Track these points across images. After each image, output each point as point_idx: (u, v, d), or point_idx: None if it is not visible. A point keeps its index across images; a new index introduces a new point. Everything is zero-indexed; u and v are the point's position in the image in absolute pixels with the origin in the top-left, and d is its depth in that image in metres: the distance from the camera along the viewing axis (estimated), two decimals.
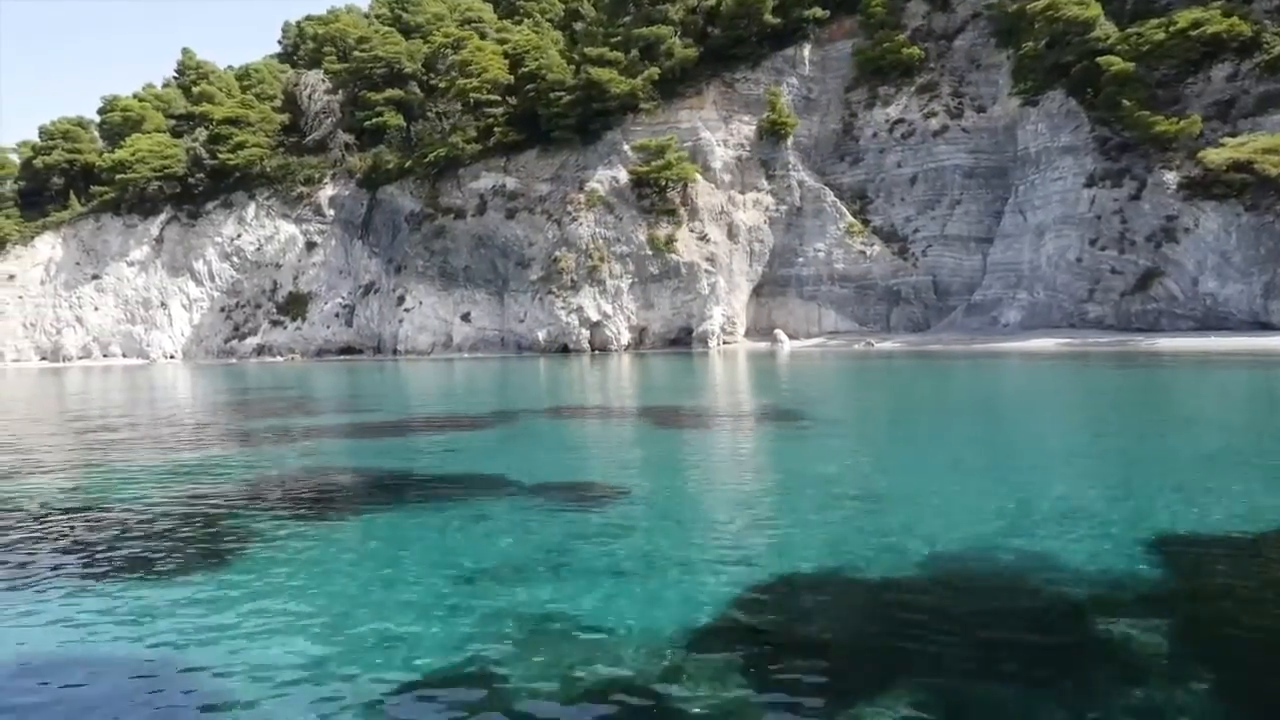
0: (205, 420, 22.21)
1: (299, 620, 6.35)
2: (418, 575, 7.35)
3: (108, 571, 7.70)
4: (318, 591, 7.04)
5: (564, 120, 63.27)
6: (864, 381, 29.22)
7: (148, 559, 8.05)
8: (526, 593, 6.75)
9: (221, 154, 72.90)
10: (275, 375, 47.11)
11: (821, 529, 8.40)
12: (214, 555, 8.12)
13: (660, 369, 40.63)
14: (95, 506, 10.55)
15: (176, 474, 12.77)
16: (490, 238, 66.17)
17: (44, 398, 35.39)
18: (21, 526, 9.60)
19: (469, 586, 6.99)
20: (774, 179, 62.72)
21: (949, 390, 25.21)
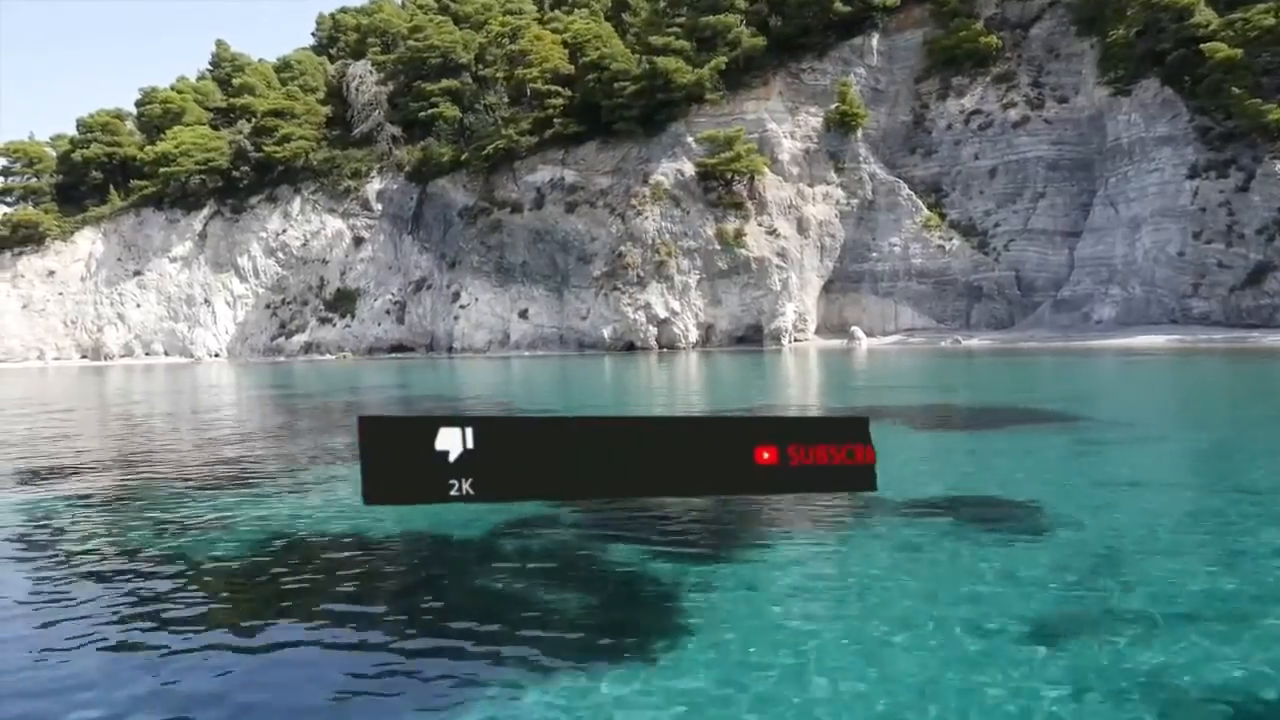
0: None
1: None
2: (936, 625, 5.63)
3: None
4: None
5: (627, 111, 61.45)
6: (1036, 378, 27.47)
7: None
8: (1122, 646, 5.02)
9: (267, 147, 71.06)
10: (338, 375, 45.31)
11: None
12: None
13: (759, 367, 38.85)
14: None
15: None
16: (549, 232, 64.37)
17: (86, 398, 33.64)
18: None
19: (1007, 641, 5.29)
20: (843, 172, 60.96)
21: (1154, 388, 23.51)
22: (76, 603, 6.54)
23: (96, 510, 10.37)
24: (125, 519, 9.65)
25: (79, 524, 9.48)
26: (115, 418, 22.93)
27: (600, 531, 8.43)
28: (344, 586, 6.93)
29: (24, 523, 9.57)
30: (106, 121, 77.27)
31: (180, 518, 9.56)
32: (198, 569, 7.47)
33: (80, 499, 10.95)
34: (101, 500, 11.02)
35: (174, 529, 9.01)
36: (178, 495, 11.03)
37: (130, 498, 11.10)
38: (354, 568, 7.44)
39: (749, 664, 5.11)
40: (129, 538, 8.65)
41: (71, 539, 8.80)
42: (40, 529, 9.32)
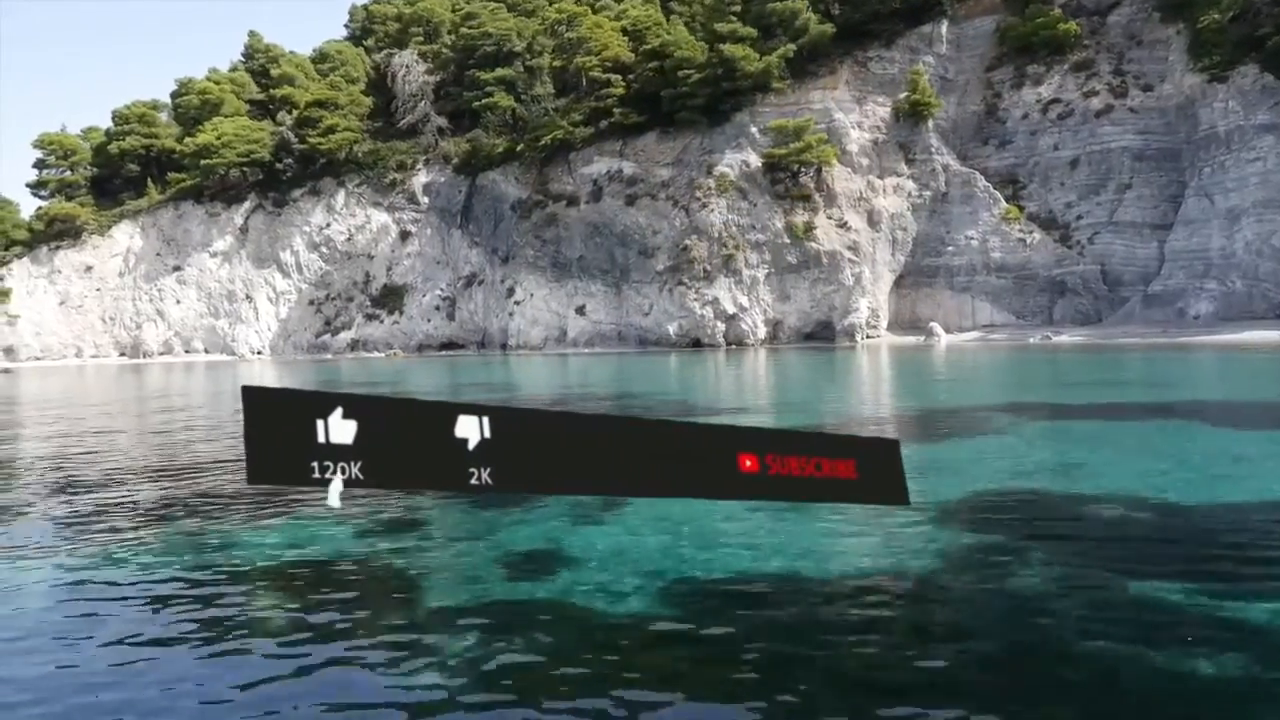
0: None
1: None
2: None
3: None
4: None
5: (691, 100, 59.52)
6: (1179, 375, 25.56)
7: None
8: None
9: (311, 138, 69.10)
10: (388, 374, 43.36)
11: None
12: None
13: (840, 365, 36.88)
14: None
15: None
16: (607, 226, 62.42)
17: (124, 398, 31.69)
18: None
19: None
20: (914, 163, 59.06)
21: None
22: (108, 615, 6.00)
23: (132, 525, 8.93)
24: (163, 534, 8.43)
25: (113, 536, 8.39)
26: (153, 427, 20.99)
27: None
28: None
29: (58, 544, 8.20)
30: (143, 113, 75.31)
31: (218, 537, 8.18)
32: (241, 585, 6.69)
33: (114, 510, 9.76)
34: (139, 514, 9.52)
35: (213, 546, 7.79)
36: (215, 511, 9.48)
37: (168, 513, 9.44)
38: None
39: None
40: (165, 553, 7.64)
41: (102, 550, 7.80)
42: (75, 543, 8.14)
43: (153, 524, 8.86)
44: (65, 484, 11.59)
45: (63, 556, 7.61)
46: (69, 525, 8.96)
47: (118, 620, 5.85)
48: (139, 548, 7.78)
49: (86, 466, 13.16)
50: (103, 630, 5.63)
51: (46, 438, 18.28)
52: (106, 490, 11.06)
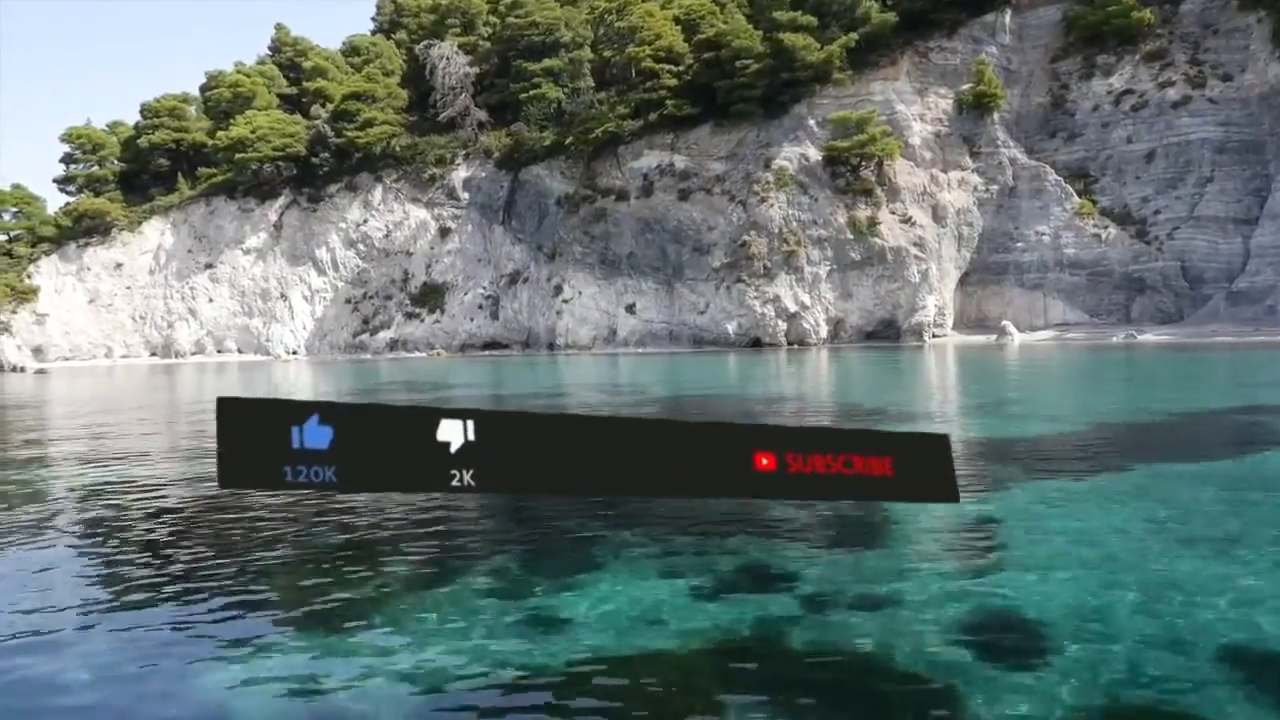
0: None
1: None
2: None
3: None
4: None
5: (748, 92, 57.57)
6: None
7: None
8: None
9: (348, 132, 67.05)
10: (434, 374, 41.31)
11: None
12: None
13: (921, 366, 34.90)
14: None
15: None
16: (659, 221, 60.43)
17: (156, 401, 29.63)
18: None
19: None
20: (979, 156, 57.15)
21: None
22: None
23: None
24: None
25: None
26: (188, 432, 19.09)
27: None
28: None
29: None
30: (173, 106, 73.23)
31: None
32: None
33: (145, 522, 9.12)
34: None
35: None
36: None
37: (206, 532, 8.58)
38: None
39: None
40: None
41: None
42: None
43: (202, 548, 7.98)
44: (98, 494, 10.62)
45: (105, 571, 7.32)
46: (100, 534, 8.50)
47: (141, 624, 5.71)
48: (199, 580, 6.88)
49: (126, 486, 11.26)
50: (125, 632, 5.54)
51: (83, 447, 16.27)
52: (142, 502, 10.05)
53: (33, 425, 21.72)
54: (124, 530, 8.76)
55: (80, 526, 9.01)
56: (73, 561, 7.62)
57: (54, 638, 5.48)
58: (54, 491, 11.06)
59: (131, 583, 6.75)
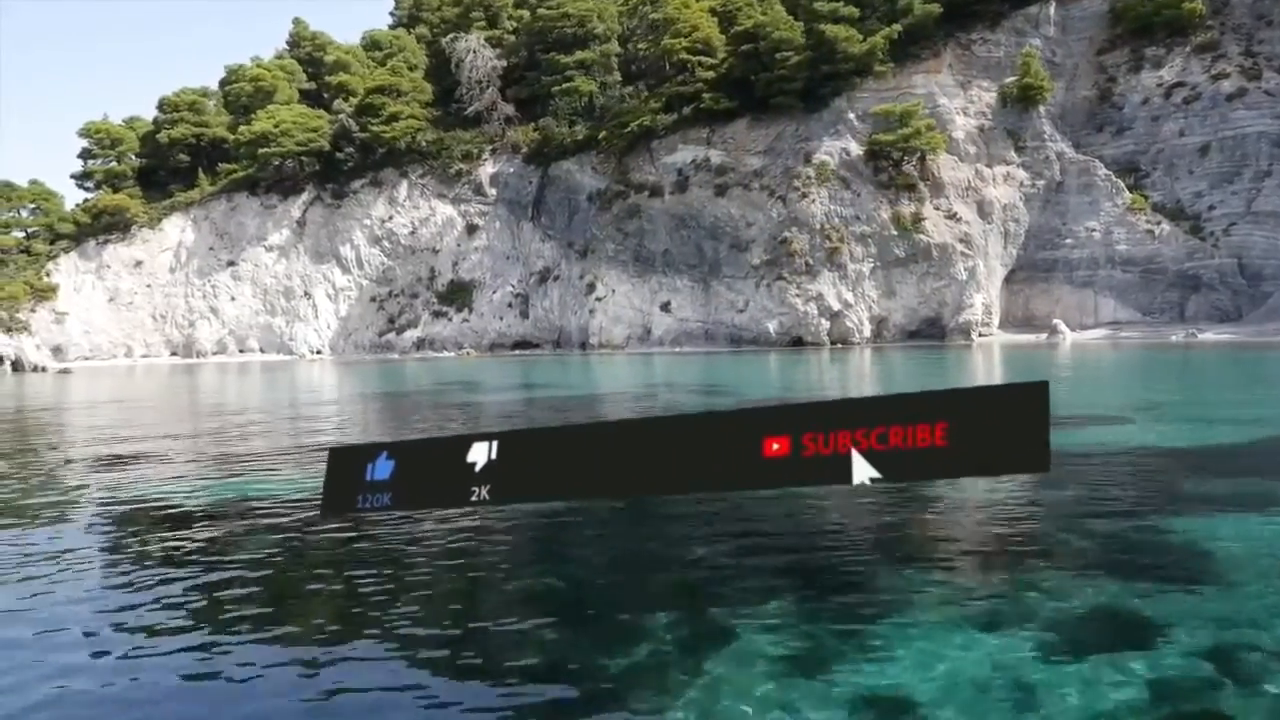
0: None
1: None
2: None
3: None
4: None
5: (788, 85, 56.16)
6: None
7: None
8: None
9: (374, 126, 65.61)
10: (470, 375, 39.93)
11: None
12: None
13: (991, 366, 33.50)
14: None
15: None
16: (695, 218, 59.03)
17: (176, 404, 28.22)
18: None
19: None
20: (1024, 151, 55.78)
21: None
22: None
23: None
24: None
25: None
26: (210, 438, 17.65)
27: None
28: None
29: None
30: (193, 100, 71.76)
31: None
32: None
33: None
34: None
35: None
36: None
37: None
38: None
39: None
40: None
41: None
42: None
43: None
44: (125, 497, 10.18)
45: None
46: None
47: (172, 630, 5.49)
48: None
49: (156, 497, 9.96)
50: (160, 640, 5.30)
51: (111, 451, 14.87)
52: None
53: (82, 432, 20.34)
54: (232, 554, 7.58)
55: (189, 547, 7.92)
56: (161, 586, 6.59)
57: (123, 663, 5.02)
58: (126, 504, 9.71)
59: (245, 615, 5.95)
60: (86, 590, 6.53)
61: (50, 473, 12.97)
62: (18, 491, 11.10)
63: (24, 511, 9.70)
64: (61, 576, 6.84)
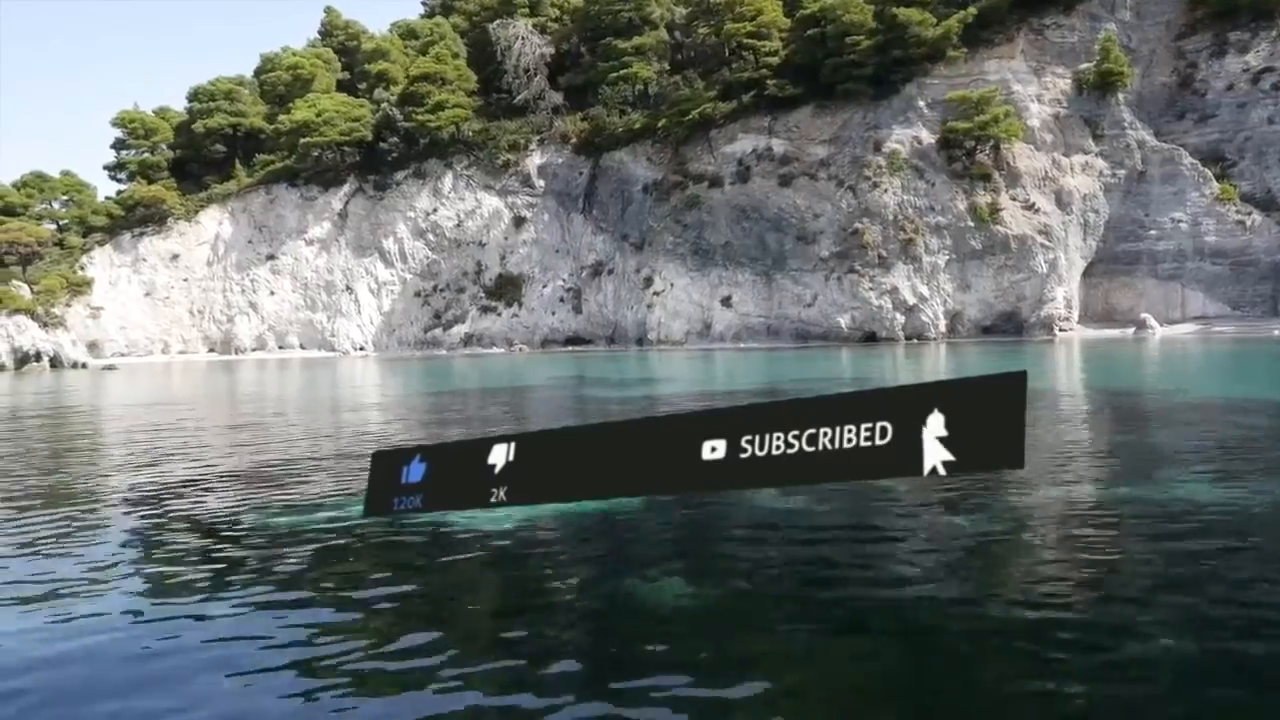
0: None
1: None
2: None
3: None
4: None
5: (858, 70, 54.08)
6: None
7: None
8: None
9: (419, 115, 63.48)
10: (535, 373, 37.88)
11: None
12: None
13: (1098, 363, 31.47)
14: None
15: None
16: (757, 209, 56.97)
17: (216, 404, 26.13)
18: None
19: None
20: (1102, 139, 53.76)
21: None
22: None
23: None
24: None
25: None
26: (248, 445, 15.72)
27: None
28: None
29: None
30: (229, 89, 69.55)
31: None
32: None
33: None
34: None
35: None
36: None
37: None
38: None
39: None
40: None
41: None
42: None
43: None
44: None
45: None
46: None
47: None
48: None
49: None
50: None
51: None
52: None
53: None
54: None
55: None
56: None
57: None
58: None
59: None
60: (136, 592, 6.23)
61: (130, 474, 11.13)
62: (94, 497, 10.10)
63: (100, 521, 8.85)
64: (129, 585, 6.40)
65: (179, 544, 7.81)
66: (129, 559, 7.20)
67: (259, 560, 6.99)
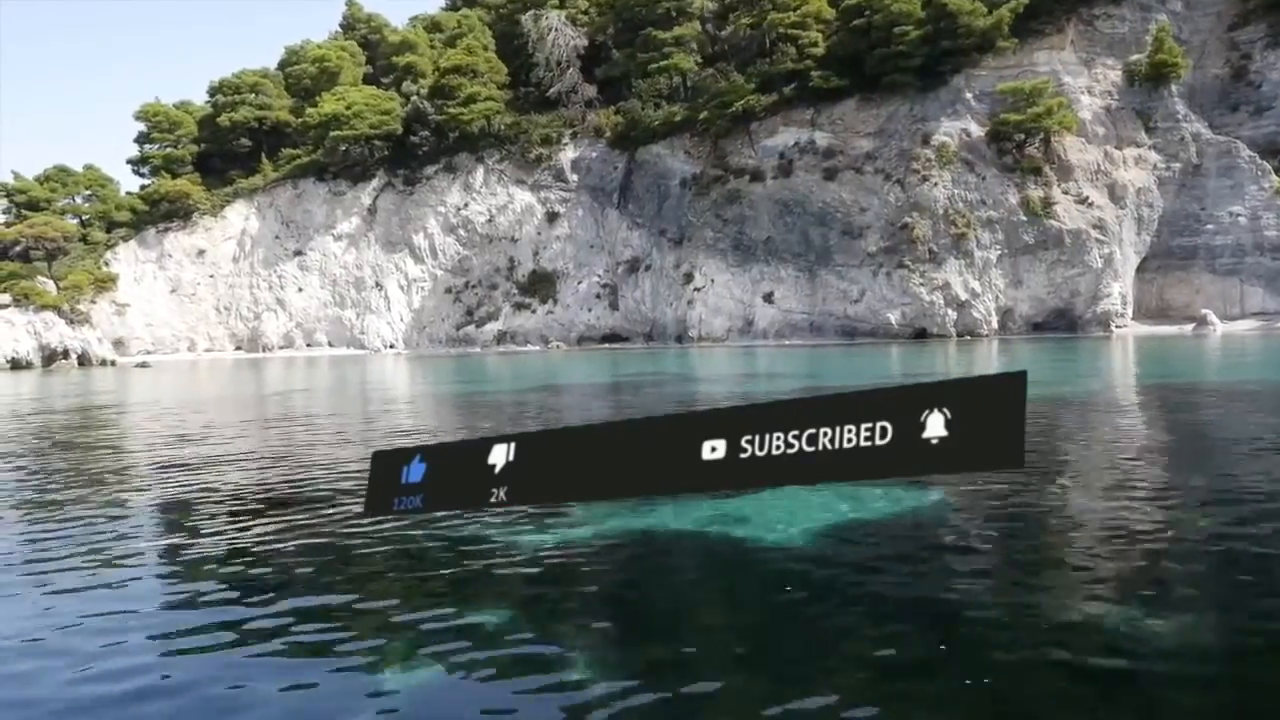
0: None
1: None
2: None
3: None
4: None
5: (905, 61, 52.93)
6: None
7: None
8: None
9: (450, 108, 62.24)
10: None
11: None
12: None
13: (1197, 358, 30.34)
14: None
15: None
16: (801, 203, 55.78)
17: (245, 406, 24.93)
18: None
19: None
20: (1155, 132, 52.65)
21: None
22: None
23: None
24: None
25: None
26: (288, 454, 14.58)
27: None
28: None
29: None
30: (255, 82, 68.23)
31: None
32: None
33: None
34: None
35: None
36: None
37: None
38: None
39: None
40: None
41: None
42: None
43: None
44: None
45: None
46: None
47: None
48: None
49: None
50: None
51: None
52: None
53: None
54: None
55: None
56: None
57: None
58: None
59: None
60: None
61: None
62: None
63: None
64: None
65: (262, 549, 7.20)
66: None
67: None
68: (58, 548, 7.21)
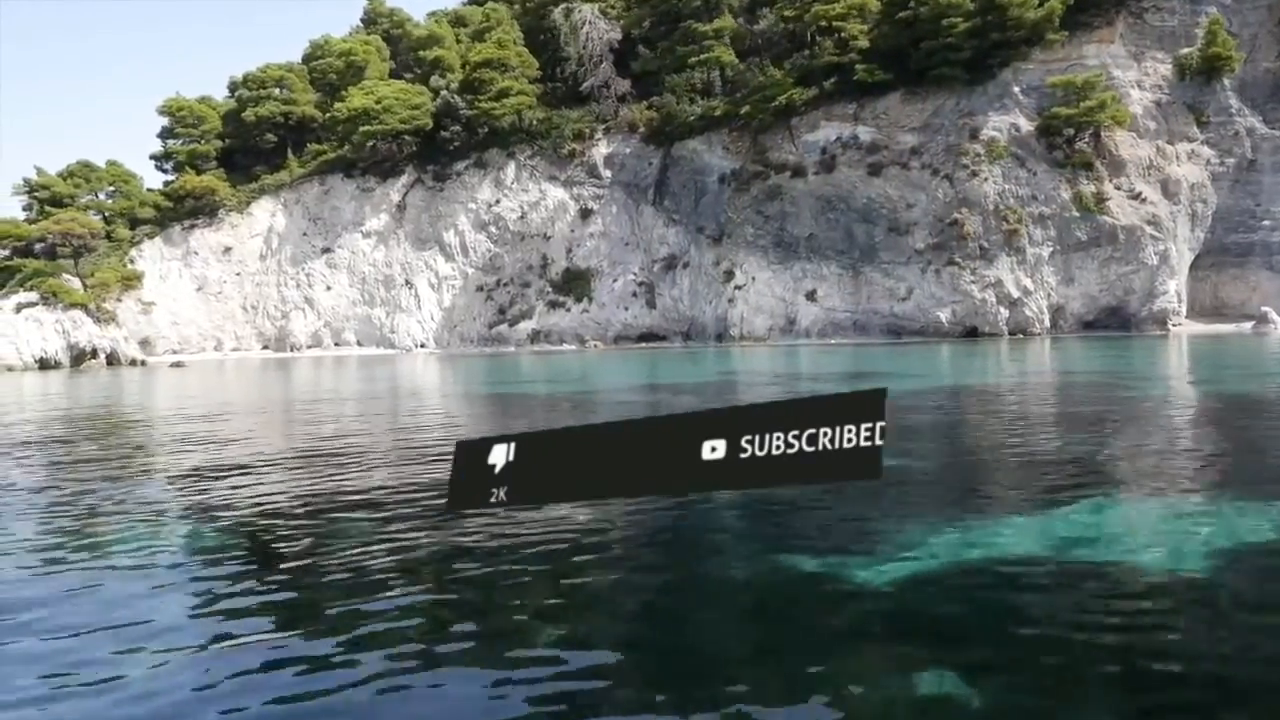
0: None
1: None
2: None
3: None
4: None
5: (954, 55, 51.87)
6: None
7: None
8: None
9: (481, 103, 61.05)
10: (612, 372, 35.58)
11: None
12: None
13: (1246, 361, 29.34)
14: None
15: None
16: (844, 199, 54.72)
17: (272, 413, 23.78)
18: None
19: None
20: (1207, 127, 51.73)
21: None
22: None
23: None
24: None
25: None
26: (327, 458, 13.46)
27: None
28: None
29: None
30: (281, 76, 66.94)
31: None
32: None
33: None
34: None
35: None
36: None
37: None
38: None
39: None
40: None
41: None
42: None
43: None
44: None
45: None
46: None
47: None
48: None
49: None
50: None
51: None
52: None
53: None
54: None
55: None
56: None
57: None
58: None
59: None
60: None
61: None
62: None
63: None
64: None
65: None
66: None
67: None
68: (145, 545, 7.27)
